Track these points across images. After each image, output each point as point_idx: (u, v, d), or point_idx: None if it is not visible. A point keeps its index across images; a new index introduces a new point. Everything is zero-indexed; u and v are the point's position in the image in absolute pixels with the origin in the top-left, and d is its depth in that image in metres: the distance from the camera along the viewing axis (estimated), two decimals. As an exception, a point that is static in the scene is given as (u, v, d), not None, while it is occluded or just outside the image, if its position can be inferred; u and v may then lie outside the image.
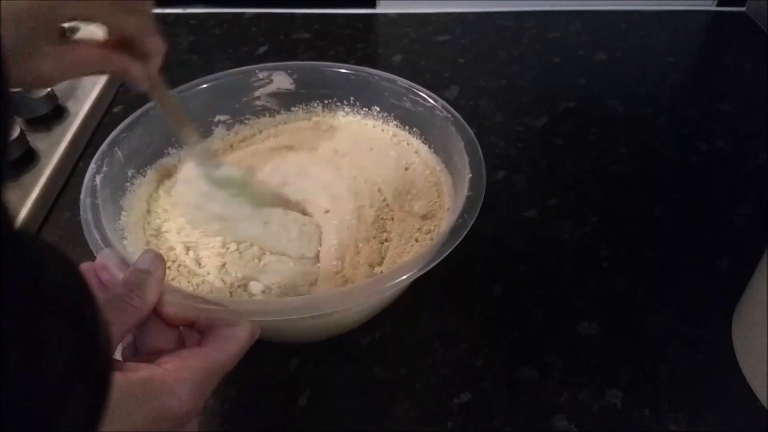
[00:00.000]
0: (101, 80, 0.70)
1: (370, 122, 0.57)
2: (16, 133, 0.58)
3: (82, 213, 0.42)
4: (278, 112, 0.57)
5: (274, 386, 0.44)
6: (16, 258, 0.18)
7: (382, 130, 0.56)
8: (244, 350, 0.34)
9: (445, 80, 0.73)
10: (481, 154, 0.47)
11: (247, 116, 0.57)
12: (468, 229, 0.41)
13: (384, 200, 0.51)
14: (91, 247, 0.40)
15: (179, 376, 0.30)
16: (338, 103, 0.57)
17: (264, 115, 0.57)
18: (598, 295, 0.50)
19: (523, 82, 0.74)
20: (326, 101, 0.57)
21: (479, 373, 0.45)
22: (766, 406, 0.43)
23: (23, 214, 0.54)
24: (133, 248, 0.45)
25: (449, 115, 0.50)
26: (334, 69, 0.56)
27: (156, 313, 0.34)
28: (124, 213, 0.47)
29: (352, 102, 0.57)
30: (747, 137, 0.66)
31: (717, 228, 0.56)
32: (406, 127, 0.55)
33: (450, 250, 0.40)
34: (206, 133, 0.55)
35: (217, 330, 0.34)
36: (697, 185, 0.61)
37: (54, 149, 0.61)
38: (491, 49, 0.79)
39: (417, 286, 0.50)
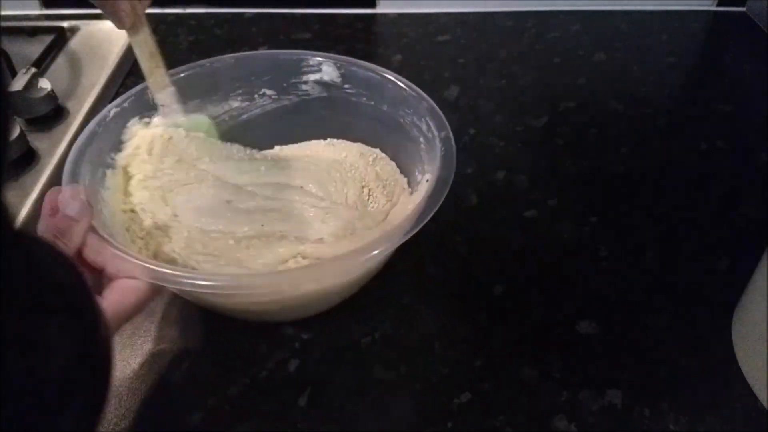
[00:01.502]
0: (101, 80, 0.70)
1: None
2: (16, 133, 0.58)
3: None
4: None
5: (274, 386, 0.44)
6: (16, 258, 0.18)
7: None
8: (144, 302, 0.35)
9: (445, 80, 0.73)
10: (444, 119, 0.48)
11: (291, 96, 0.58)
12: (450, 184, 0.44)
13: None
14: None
15: None
16: None
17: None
18: (598, 295, 0.50)
19: (523, 82, 0.74)
20: None
21: (479, 373, 0.45)
22: (766, 406, 0.43)
23: (23, 214, 0.54)
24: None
25: (404, 86, 0.52)
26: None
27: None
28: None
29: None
30: (747, 137, 0.66)
31: (717, 228, 0.56)
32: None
33: (436, 208, 0.42)
34: (249, 97, 0.58)
35: (120, 282, 0.34)
36: (697, 185, 0.61)
37: (54, 149, 0.61)
38: (491, 49, 0.79)
39: (417, 286, 0.50)
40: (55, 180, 0.58)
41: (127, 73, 0.73)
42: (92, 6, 0.45)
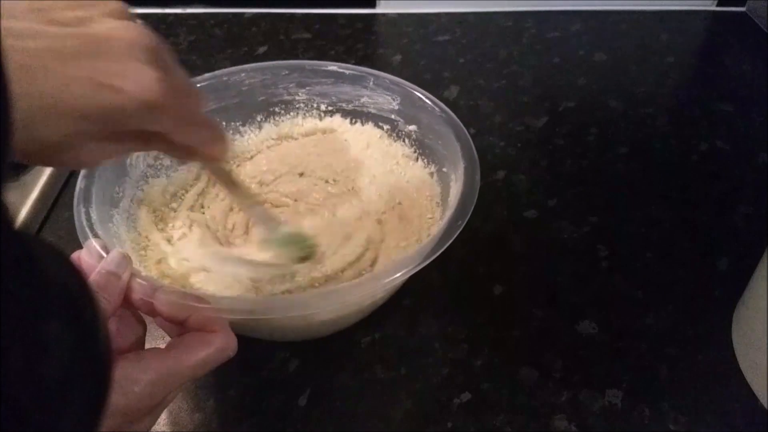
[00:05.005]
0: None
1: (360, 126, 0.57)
2: (16, 133, 0.58)
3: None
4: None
5: (274, 386, 0.44)
6: (16, 258, 0.18)
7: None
8: (213, 361, 0.33)
9: (445, 80, 0.73)
10: (474, 152, 0.46)
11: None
12: (460, 229, 0.41)
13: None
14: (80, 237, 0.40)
15: (132, 375, 0.30)
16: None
17: None
18: (598, 295, 0.50)
19: (523, 82, 0.74)
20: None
21: (479, 373, 0.45)
22: (766, 406, 0.43)
23: (23, 214, 0.54)
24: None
25: (441, 113, 0.50)
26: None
27: (149, 308, 0.34)
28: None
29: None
30: (747, 137, 0.66)
31: (717, 228, 0.56)
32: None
33: (441, 250, 0.40)
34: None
35: (189, 336, 0.33)
36: (697, 185, 0.61)
37: (54, 149, 0.61)
38: (491, 49, 0.79)
39: (417, 286, 0.50)
40: (55, 180, 0.58)
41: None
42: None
